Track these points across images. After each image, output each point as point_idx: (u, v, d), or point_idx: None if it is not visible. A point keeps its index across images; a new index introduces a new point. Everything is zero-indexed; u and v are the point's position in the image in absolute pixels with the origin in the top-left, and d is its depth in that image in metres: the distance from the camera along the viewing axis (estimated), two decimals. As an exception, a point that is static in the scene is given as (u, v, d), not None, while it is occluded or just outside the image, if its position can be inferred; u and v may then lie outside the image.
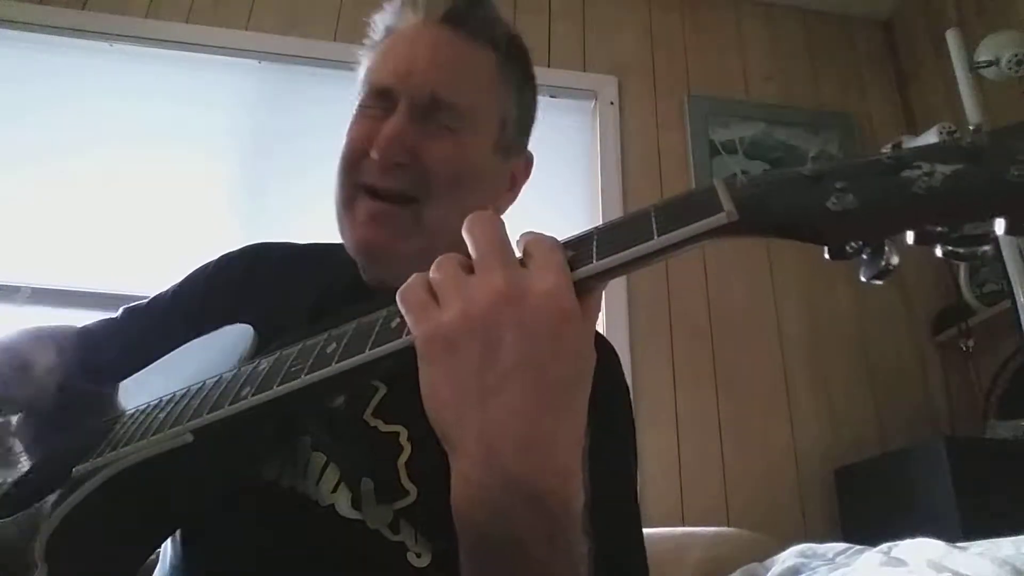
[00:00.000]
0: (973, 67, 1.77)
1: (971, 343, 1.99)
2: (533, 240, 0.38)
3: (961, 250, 0.32)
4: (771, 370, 2.05)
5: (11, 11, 2.06)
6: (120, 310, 0.80)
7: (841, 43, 2.56)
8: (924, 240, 0.33)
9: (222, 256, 0.81)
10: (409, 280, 0.39)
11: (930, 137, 1.70)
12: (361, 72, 0.75)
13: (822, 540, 1.11)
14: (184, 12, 2.18)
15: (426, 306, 0.37)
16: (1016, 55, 1.75)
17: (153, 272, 1.85)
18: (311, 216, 1.99)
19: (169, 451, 0.45)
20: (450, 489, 0.57)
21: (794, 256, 2.18)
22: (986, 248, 0.32)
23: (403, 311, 0.38)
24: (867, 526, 1.71)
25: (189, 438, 0.45)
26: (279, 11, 2.23)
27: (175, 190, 2.00)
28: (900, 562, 0.77)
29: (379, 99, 0.68)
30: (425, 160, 0.65)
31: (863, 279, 0.35)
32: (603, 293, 0.40)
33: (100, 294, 1.83)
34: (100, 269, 1.89)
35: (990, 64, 1.77)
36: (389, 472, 0.58)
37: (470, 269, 0.37)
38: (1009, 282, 1.64)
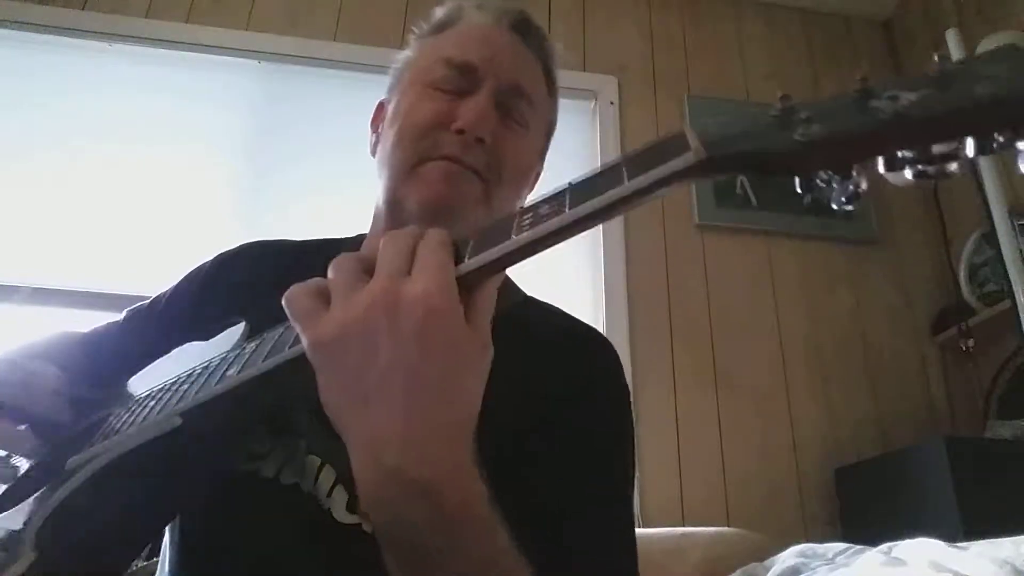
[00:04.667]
0: (973, 67, 1.77)
1: (971, 343, 1.99)
2: (423, 241, 0.39)
3: (930, 169, 0.32)
4: (771, 370, 2.05)
5: (11, 11, 2.06)
6: (123, 313, 0.80)
7: (841, 43, 2.56)
8: (894, 166, 0.33)
9: (218, 255, 0.80)
10: (292, 288, 0.41)
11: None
12: (410, 54, 0.78)
13: (822, 540, 1.11)
14: (184, 12, 2.18)
15: (309, 314, 0.39)
16: (1016, 55, 1.75)
17: (153, 272, 1.85)
18: (311, 215, 2.00)
19: (160, 436, 0.45)
20: None
21: (794, 256, 2.18)
22: (954, 167, 0.32)
23: (290, 319, 0.40)
24: (867, 526, 1.71)
25: (178, 421, 0.45)
26: (279, 11, 2.23)
27: (175, 190, 2.00)
28: (900, 562, 0.77)
29: (460, 75, 0.70)
30: (501, 147, 0.69)
31: (834, 206, 0.35)
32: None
33: (100, 294, 1.83)
34: (100, 269, 1.89)
35: (990, 64, 1.76)
36: None
37: (370, 274, 0.39)
38: (1009, 282, 1.64)
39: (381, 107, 0.80)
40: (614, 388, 0.69)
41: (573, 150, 2.18)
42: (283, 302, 0.40)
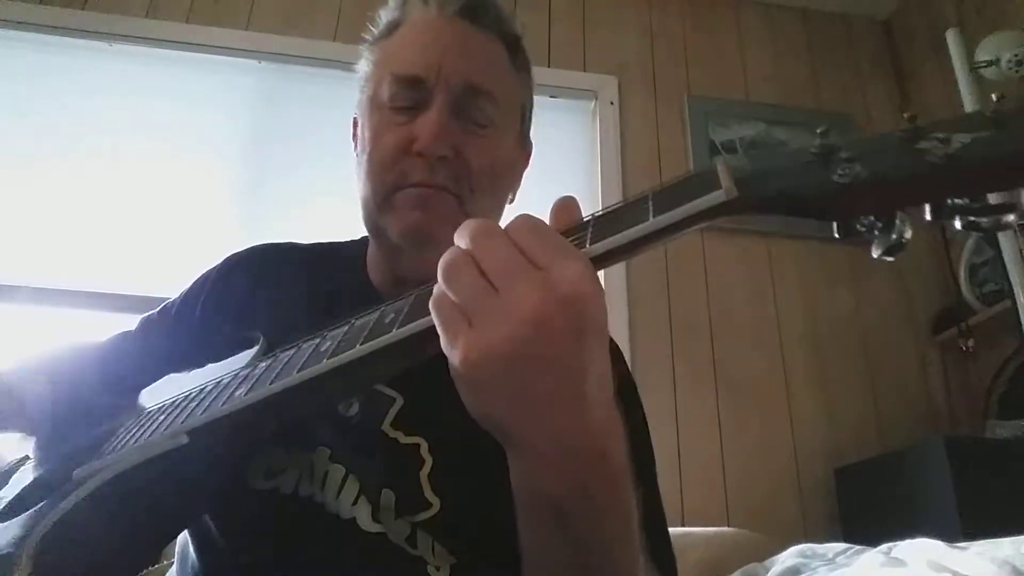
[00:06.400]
0: (973, 67, 1.77)
1: (971, 343, 1.99)
2: (526, 233, 0.37)
3: (984, 220, 0.29)
4: (771, 370, 2.05)
5: (11, 11, 2.06)
6: (137, 323, 0.80)
7: (841, 43, 2.56)
8: (942, 214, 0.30)
9: (226, 259, 0.80)
10: (436, 292, 0.38)
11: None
12: (366, 67, 0.74)
13: (822, 540, 1.11)
14: (184, 12, 2.18)
15: (458, 327, 0.36)
16: (1016, 55, 1.75)
17: (153, 272, 1.85)
18: (311, 216, 2.00)
19: (166, 453, 0.45)
20: (475, 497, 0.57)
21: (794, 256, 2.18)
22: (1010, 218, 0.29)
23: (445, 342, 0.37)
24: (867, 526, 1.71)
25: (184, 440, 0.45)
26: (279, 11, 2.23)
27: (175, 190, 2.00)
28: (900, 562, 0.77)
29: (408, 90, 0.66)
30: (468, 158, 0.65)
31: (875, 256, 0.32)
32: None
33: (100, 294, 1.83)
34: (101, 269, 1.88)
35: (990, 64, 1.77)
36: (412, 484, 0.58)
37: (490, 286, 0.36)
38: (1009, 282, 1.64)
39: (356, 124, 0.77)
40: (628, 383, 0.72)
41: (573, 150, 2.18)
42: (432, 306, 0.37)
